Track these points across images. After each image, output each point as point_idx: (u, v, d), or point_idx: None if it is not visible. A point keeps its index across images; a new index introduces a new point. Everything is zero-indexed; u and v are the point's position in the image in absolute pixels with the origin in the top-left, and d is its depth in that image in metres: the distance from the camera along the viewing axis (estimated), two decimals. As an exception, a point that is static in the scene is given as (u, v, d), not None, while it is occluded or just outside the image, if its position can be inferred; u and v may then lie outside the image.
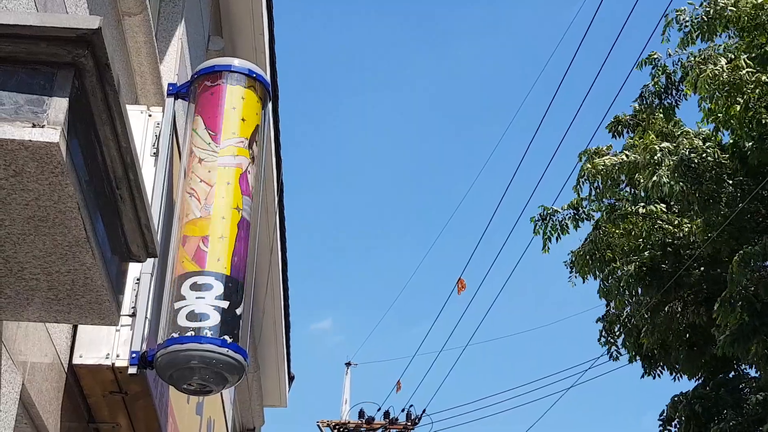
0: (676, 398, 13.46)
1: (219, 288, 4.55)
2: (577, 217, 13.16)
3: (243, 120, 4.95)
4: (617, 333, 13.85)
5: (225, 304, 4.53)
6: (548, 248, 13.17)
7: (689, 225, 12.30)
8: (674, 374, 13.61)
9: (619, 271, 13.10)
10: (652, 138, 12.22)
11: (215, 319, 4.48)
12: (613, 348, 13.87)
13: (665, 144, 11.94)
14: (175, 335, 4.44)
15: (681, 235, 12.37)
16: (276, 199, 10.03)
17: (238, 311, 4.58)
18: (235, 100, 4.99)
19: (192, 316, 4.48)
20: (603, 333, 13.98)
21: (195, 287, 4.54)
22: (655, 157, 11.75)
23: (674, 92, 12.99)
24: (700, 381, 13.54)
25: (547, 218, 13.20)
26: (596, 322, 14.10)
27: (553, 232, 13.13)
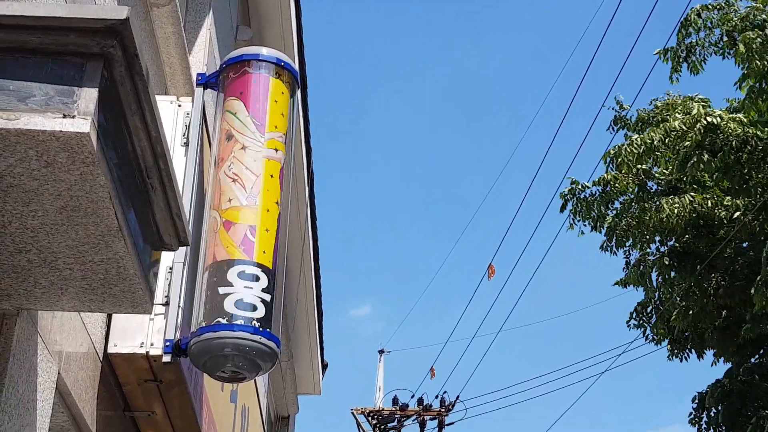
0: (712, 385, 13.38)
1: (264, 280, 4.60)
2: (605, 195, 13.00)
3: (282, 115, 4.98)
4: (649, 315, 13.76)
5: (269, 297, 4.59)
6: (573, 225, 13.06)
7: (726, 205, 12.13)
8: (703, 358, 13.50)
9: (651, 257, 13.02)
10: (699, 109, 11.94)
11: (261, 311, 4.54)
12: (648, 331, 13.78)
13: (712, 118, 11.65)
14: (222, 320, 4.48)
15: (716, 220, 12.22)
16: (307, 189, 10.05)
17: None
18: (276, 94, 5.01)
19: (241, 304, 4.52)
20: (634, 316, 13.89)
21: (243, 276, 4.58)
22: (696, 129, 11.54)
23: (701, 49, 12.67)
24: (733, 366, 13.44)
25: (576, 194, 13.08)
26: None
27: (578, 209, 12.98)
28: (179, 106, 5.21)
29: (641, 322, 13.85)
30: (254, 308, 4.53)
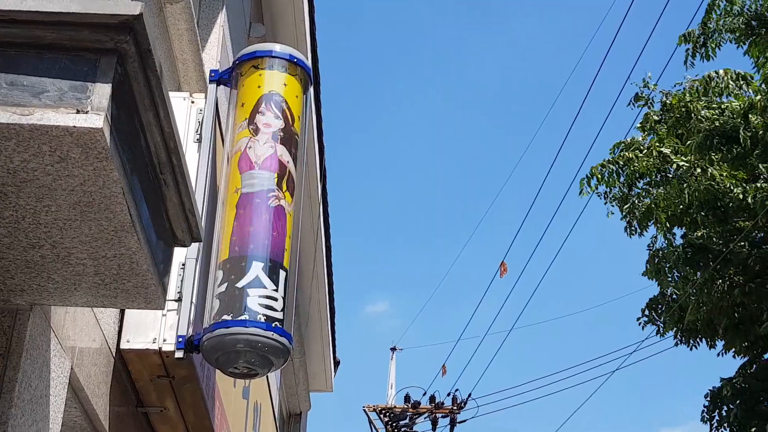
0: (724, 381, 13.31)
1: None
2: (624, 169, 13.03)
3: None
4: (660, 311, 13.71)
5: (283, 294, 4.63)
6: (588, 191, 13.07)
7: (744, 187, 12.10)
8: (714, 347, 13.43)
9: (662, 251, 13.00)
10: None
11: (274, 308, 4.60)
12: (659, 324, 13.73)
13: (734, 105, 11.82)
14: (235, 317, 4.54)
15: (731, 202, 12.16)
16: (319, 185, 10.05)
17: (240, 284, 4.62)
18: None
19: (257, 302, 4.60)
20: (645, 312, 13.82)
21: (270, 275, 4.69)
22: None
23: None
24: (746, 360, 13.36)
25: (595, 175, 13.13)
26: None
27: (599, 182, 13.04)
28: (192, 102, 5.22)
29: (652, 318, 13.79)
30: (268, 306, 4.55)
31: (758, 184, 11.87)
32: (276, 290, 4.60)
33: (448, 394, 21.10)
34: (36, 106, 2.71)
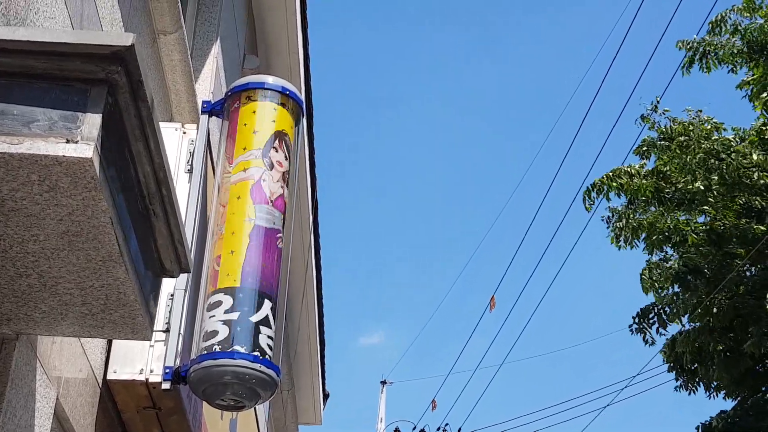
0: (716, 417, 13.27)
1: (228, 302, 4.60)
2: (622, 185, 13.09)
3: (255, 132, 4.98)
4: (651, 321, 13.67)
5: (235, 316, 4.57)
6: (593, 201, 13.09)
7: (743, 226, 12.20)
8: (710, 391, 13.41)
9: (658, 269, 13.04)
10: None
11: (223, 333, 4.54)
12: (648, 336, 13.69)
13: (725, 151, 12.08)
14: (222, 348, 4.52)
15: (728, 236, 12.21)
16: (311, 217, 10.05)
17: (253, 318, 4.60)
18: (247, 116, 5.05)
19: (206, 335, 4.57)
20: (635, 320, 13.79)
21: (209, 307, 4.64)
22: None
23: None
24: (738, 399, 13.34)
25: (596, 188, 13.16)
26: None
27: (598, 195, 13.08)
28: (184, 133, 5.22)
29: (642, 327, 13.75)
30: (215, 334, 4.54)
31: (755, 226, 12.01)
32: (252, 314, 4.58)
33: (438, 429, 21.03)
34: (26, 135, 2.71)
